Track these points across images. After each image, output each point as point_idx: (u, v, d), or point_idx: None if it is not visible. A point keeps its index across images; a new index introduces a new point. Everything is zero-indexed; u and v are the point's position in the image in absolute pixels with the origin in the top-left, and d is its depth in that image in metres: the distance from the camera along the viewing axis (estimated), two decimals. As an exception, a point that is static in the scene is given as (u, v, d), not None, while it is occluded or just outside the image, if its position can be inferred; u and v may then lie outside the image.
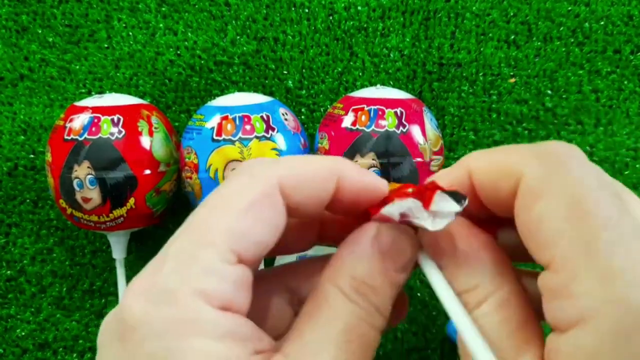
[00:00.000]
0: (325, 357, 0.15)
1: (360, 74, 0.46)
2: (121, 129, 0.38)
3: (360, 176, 0.18)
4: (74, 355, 0.45)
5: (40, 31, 0.48)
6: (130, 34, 0.47)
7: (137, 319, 0.14)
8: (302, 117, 0.46)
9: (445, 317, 0.44)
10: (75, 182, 0.37)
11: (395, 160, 0.37)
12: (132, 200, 0.38)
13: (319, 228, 0.21)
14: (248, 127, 0.37)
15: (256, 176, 0.16)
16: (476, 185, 0.18)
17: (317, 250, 0.23)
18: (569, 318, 0.14)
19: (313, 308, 0.17)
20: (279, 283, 0.20)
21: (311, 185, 0.17)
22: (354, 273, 0.17)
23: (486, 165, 0.18)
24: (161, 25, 0.47)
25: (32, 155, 0.46)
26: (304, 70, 0.46)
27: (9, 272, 0.46)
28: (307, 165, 0.17)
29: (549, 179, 0.16)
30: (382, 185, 0.18)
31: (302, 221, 0.20)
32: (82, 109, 0.38)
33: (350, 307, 0.16)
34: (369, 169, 0.37)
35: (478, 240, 0.18)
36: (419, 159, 0.37)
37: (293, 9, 0.47)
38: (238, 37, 0.47)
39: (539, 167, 0.16)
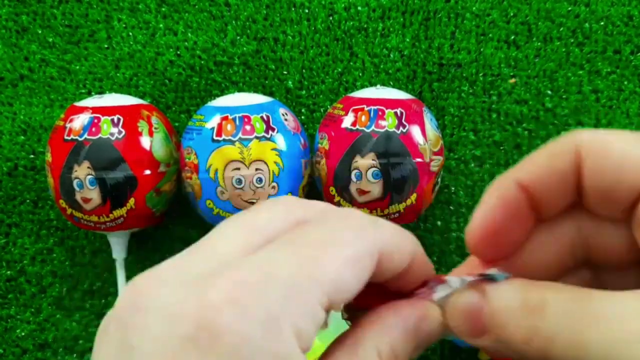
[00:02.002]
0: None
1: (360, 74, 0.46)
2: (121, 129, 0.38)
3: (426, 261, 0.18)
4: (74, 355, 0.45)
5: (40, 31, 0.48)
6: (130, 34, 0.47)
7: (237, 336, 0.13)
8: (302, 117, 0.46)
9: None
10: (75, 182, 0.37)
11: (395, 161, 0.37)
12: (132, 201, 0.38)
13: None
14: (248, 127, 0.37)
15: (365, 231, 0.16)
16: (590, 173, 0.17)
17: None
18: None
19: (344, 355, 0.16)
20: None
21: (397, 258, 0.17)
22: (394, 344, 0.17)
23: (542, 159, 0.18)
24: (161, 25, 0.47)
25: (32, 155, 0.46)
26: (304, 71, 0.46)
27: (9, 272, 0.46)
28: (401, 237, 0.17)
29: (608, 134, 0.15)
30: (432, 273, 0.19)
31: None
32: (82, 109, 0.38)
33: None
34: (369, 169, 0.37)
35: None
36: (419, 159, 0.37)
37: (293, 9, 0.47)
38: (238, 38, 0.47)
39: (593, 133, 0.16)
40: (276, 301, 0.13)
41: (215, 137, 0.37)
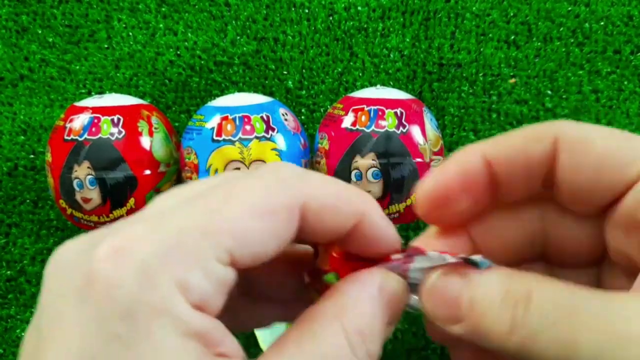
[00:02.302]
0: None
1: (360, 74, 0.46)
2: (121, 129, 0.38)
3: (383, 224, 0.17)
4: (74, 355, 0.45)
5: (40, 31, 0.48)
6: (130, 34, 0.47)
7: (110, 284, 0.13)
8: (302, 117, 0.46)
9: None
10: (75, 182, 0.37)
11: (395, 161, 0.37)
12: (132, 201, 0.38)
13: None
14: (248, 127, 0.37)
15: (284, 184, 0.15)
16: (565, 166, 0.16)
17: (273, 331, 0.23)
18: None
19: (306, 335, 0.15)
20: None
21: (333, 215, 0.16)
22: (361, 318, 0.16)
23: (514, 142, 0.17)
24: (161, 25, 0.47)
25: (32, 155, 0.46)
26: (304, 71, 0.46)
27: (9, 272, 0.46)
28: (337, 193, 0.16)
29: (589, 129, 0.15)
30: (397, 243, 0.17)
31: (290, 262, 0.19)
32: (82, 109, 0.38)
33: (347, 354, 0.15)
34: (369, 169, 0.37)
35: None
36: (419, 160, 0.37)
37: (293, 9, 0.47)
38: (238, 38, 0.47)
39: (572, 126, 0.16)
40: (156, 252, 0.13)
41: (215, 137, 0.37)
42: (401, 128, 0.37)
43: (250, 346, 0.40)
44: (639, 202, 0.15)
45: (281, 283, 0.20)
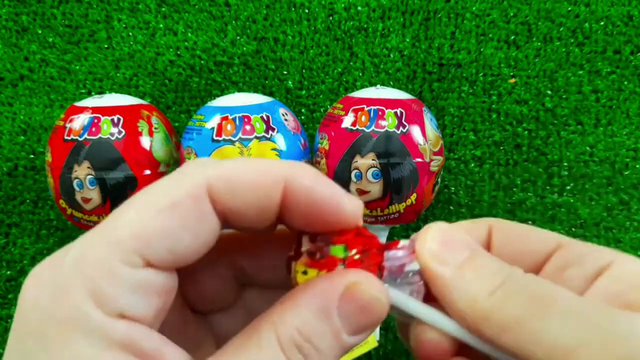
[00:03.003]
0: None
1: (360, 74, 0.46)
2: (121, 129, 0.38)
3: (316, 185, 0.15)
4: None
5: (40, 31, 0.48)
6: (130, 34, 0.47)
7: (28, 306, 0.13)
8: (302, 117, 0.46)
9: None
10: (75, 182, 0.37)
11: (395, 161, 0.37)
12: (132, 201, 0.38)
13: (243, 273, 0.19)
14: (248, 127, 0.37)
15: (185, 175, 0.15)
16: (498, 244, 0.19)
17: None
18: None
19: (242, 346, 0.14)
20: (224, 258, 0.18)
21: (247, 189, 0.15)
22: (301, 327, 0.15)
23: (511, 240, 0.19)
24: (161, 25, 0.47)
25: (32, 155, 0.46)
26: (304, 71, 0.46)
27: (9, 272, 0.46)
28: (246, 168, 0.15)
29: None
30: (348, 203, 0.16)
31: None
32: (82, 109, 0.38)
33: None
34: (368, 169, 0.37)
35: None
36: (419, 159, 0.37)
37: (293, 9, 0.47)
38: (238, 38, 0.47)
39: None
40: (66, 270, 0.14)
41: (215, 137, 0.37)
42: (401, 128, 0.37)
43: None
44: (558, 268, 0.17)
45: (272, 267, 0.19)
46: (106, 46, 0.47)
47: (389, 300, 0.16)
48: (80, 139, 0.37)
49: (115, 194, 0.37)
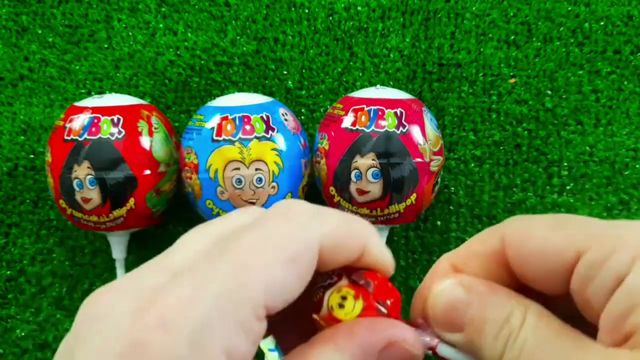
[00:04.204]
0: None
1: (360, 74, 0.46)
2: (121, 129, 0.38)
3: (381, 251, 0.18)
4: (74, 355, 0.45)
5: (40, 31, 0.48)
6: (130, 34, 0.47)
7: (163, 354, 0.13)
8: (302, 117, 0.46)
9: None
10: (75, 182, 0.37)
11: (395, 161, 0.37)
12: (132, 201, 0.38)
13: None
14: (248, 127, 0.37)
15: (302, 227, 0.15)
16: (514, 259, 0.18)
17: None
18: None
19: None
20: None
21: (344, 249, 0.16)
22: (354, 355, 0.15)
23: (533, 246, 0.17)
24: (161, 25, 0.47)
25: (32, 156, 0.46)
26: (303, 71, 0.46)
27: (9, 272, 0.46)
28: (347, 228, 0.16)
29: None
30: (391, 267, 0.18)
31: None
32: (82, 109, 0.38)
33: None
34: (368, 169, 0.37)
35: (486, 283, 0.18)
36: (419, 159, 0.37)
37: (293, 9, 0.47)
38: (238, 38, 0.47)
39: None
40: (202, 322, 0.13)
41: (215, 137, 0.37)
42: (401, 128, 0.37)
43: None
44: (581, 283, 0.16)
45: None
46: (106, 46, 0.47)
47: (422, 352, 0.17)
48: (80, 139, 0.37)
49: (115, 194, 0.37)
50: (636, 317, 0.14)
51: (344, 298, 0.17)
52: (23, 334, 0.45)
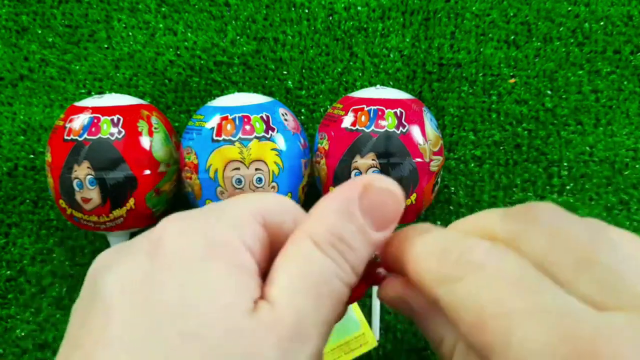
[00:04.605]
0: (302, 305, 0.16)
1: (360, 74, 0.46)
2: (121, 129, 0.38)
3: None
4: (74, 355, 0.45)
5: (40, 31, 0.48)
6: (130, 34, 0.47)
7: (179, 246, 0.16)
8: (302, 117, 0.46)
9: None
10: (75, 182, 0.37)
11: (395, 161, 0.37)
12: (132, 201, 0.38)
13: None
14: (248, 127, 0.37)
15: (246, 198, 0.19)
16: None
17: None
18: None
19: (287, 260, 0.17)
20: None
21: (282, 218, 0.19)
22: (332, 229, 0.17)
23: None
24: (161, 25, 0.47)
25: (32, 156, 0.46)
26: (303, 71, 0.46)
27: (9, 272, 0.46)
28: (286, 207, 0.19)
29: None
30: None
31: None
32: (82, 109, 0.38)
33: (325, 262, 0.16)
34: (368, 169, 0.37)
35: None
36: (419, 159, 0.37)
37: (293, 9, 0.47)
38: (238, 38, 0.47)
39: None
40: (215, 206, 0.18)
41: (215, 137, 0.37)
42: (401, 128, 0.37)
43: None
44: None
45: None
46: (106, 46, 0.47)
47: (401, 192, 0.18)
48: (80, 139, 0.37)
49: (115, 194, 0.37)
50: None
51: None
52: (23, 334, 0.45)
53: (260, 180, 0.37)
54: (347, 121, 0.38)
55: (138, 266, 0.16)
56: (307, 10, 0.47)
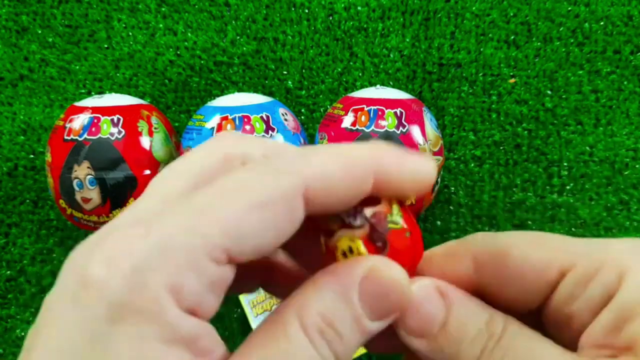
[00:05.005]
0: None
1: (360, 74, 0.46)
2: (121, 129, 0.38)
3: (402, 163, 0.16)
4: (74, 355, 0.45)
5: (40, 31, 0.48)
6: (130, 34, 0.47)
7: (102, 287, 0.13)
8: (302, 117, 0.46)
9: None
10: (75, 182, 0.37)
11: (395, 161, 0.37)
12: (132, 201, 0.38)
13: (267, 270, 0.19)
14: (248, 127, 0.37)
15: (281, 173, 0.14)
16: (489, 278, 0.17)
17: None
18: None
19: (268, 336, 0.15)
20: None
21: (342, 187, 0.15)
22: (324, 312, 0.15)
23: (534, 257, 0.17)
24: (161, 25, 0.47)
25: (32, 156, 0.46)
26: (303, 71, 0.46)
27: (9, 272, 0.46)
28: (343, 163, 0.15)
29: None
30: (430, 171, 0.16)
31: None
32: (82, 109, 0.38)
33: (307, 348, 0.14)
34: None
35: (462, 291, 0.17)
36: (418, 159, 0.37)
37: (293, 9, 0.47)
38: (238, 38, 0.47)
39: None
40: (148, 256, 0.13)
41: (215, 137, 0.37)
42: (401, 128, 0.37)
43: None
44: (565, 300, 0.15)
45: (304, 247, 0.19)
46: (106, 46, 0.47)
47: (409, 285, 0.16)
48: (80, 139, 0.37)
49: (115, 194, 0.37)
50: (632, 328, 0.14)
51: (350, 251, 0.16)
52: (23, 333, 0.45)
53: (260, 180, 0.37)
54: (347, 121, 0.38)
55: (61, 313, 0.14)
56: (307, 10, 0.47)
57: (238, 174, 0.14)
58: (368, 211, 0.16)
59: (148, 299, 0.13)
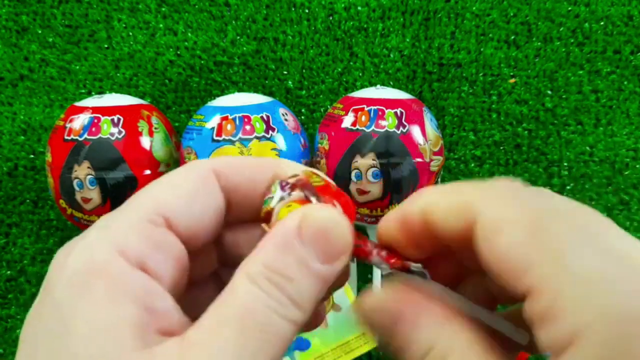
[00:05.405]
0: (220, 341, 0.14)
1: (360, 74, 0.46)
2: (121, 129, 0.38)
3: (292, 166, 0.19)
4: (74, 355, 0.45)
5: (40, 31, 0.48)
6: (130, 34, 0.47)
7: (59, 263, 0.15)
8: (302, 117, 0.46)
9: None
10: (75, 182, 0.37)
11: (395, 161, 0.37)
12: (132, 201, 0.38)
13: (217, 250, 0.20)
14: (248, 127, 0.37)
15: (194, 163, 0.18)
16: (431, 223, 0.18)
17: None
18: (562, 340, 0.13)
19: (221, 298, 0.16)
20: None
21: (247, 170, 0.18)
22: (268, 262, 0.16)
23: (443, 206, 0.18)
24: (161, 25, 0.47)
25: (32, 156, 0.46)
26: (304, 71, 0.46)
27: (9, 272, 0.46)
28: (244, 158, 0.19)
29: (505, 212, 0.15)
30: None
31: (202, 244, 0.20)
32: (82, 109, 0.38)
33: (255, 294, 0.15)
34: (369, 169, 0.37)
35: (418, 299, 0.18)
36: (419, 159, 0.37)
37: (293, 9, 0.47)
38: (238, 38, 0.47)
39: (493, 202, 0.16)
40: (94, 232, 0.16)
41: (215, 137, 0.37)
42: (401, 128, 0.37)
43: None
44: (538, 318, 0.15)
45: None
46: (106, 46, 0.47)
47: (347, 223, 0.17)
48: (80, 139, 0.37)
49: (115, 194, 0.37)
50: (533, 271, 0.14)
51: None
52: (23, 334, 0.45)
53: (260, 180, 0.37)
54: (348, 121, 0.38)
55: (37, 301, 0.16)
56: (307, 10, 0.47)
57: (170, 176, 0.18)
58: (291, 180, 0.18)
59: (95, 259, 0.15)
